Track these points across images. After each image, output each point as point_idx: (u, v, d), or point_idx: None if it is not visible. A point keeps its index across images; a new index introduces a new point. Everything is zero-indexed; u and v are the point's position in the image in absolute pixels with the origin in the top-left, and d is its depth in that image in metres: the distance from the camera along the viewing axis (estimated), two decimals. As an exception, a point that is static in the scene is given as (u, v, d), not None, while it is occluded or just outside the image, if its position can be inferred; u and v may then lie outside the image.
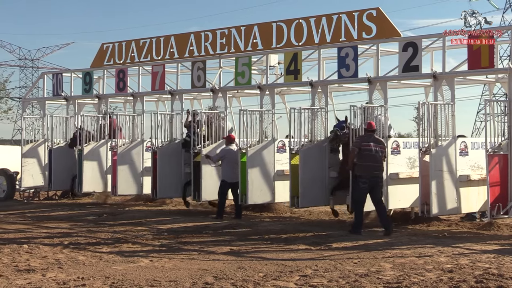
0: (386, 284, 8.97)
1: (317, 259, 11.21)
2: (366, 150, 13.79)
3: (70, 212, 19.19)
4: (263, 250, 12.28)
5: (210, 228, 15.04)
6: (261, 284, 9.08)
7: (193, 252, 12.12)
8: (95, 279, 9.57)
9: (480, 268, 10.18)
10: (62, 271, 10.25)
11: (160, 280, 9.49)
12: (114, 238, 13.86)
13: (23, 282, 9.41)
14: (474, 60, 15.50)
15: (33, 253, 12.02)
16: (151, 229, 15.40)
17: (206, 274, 9.91)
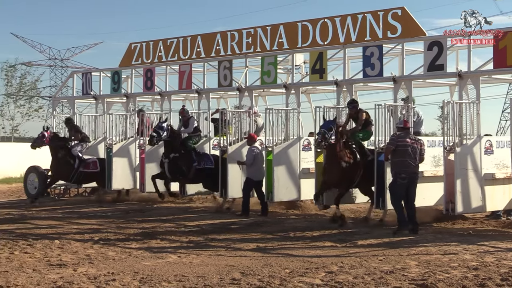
0: (412, 281, 8.94)
1: (342, 256, 11.20)
2: (403, 146, 13.69)
3: (100, 208, 19.30)
4: (289, 247, 12.30)
5: (236, 225, 15.08)
6: (287, 280, 9.10)
7: (220, 248, 12.17)
8: (125, 274, 9.64)
9: (506, 266, 10.13)
10: (93, 266, 10.35)
11: (188, 275, 9.54)
12: (143, 234, 13.94)
13: (55, 277, 9.49)
14: (499, 59, 15.39)
15: (65, 248, 12.15)
16: (179, 225, 15.46)
17: (233, 270, 9.95)
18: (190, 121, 18.58)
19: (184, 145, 18.17)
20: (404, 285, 8.77)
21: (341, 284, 8.82)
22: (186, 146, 18.13)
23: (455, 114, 15.39)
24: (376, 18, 18.78)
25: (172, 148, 18.06)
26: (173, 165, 17.71)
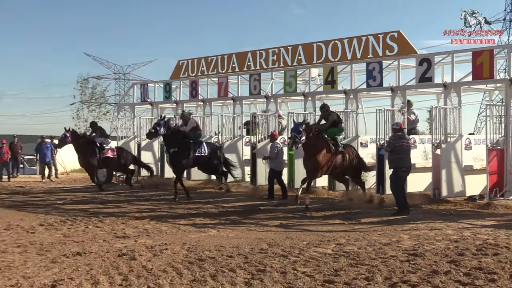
0: (405, 251, 8.99)
1: (349, 231, 11.24)
2: (400, 146, 13.57)
3: (154, 193, 19.35)
4: (306, 224, 12.32)
5: (264, 207, 15.09)
6: (305, 250, 9.16)
7: (251, 225, 12.20)
8: (175, 244, 9.74)
9: (480, 239, 10.16)
10: (150, 238, 10.50)
11: (225, 246, 9.62)
12: (189, 213, 14.00)
13: (120, 246, 9.70)
14: (477, 72, 15.42)
15: (127, 224, 12.33)
16: (218, 206, 15.50)
17: (261, 242, 10.01)
18: (189, 122, 17.96)
19: (183, 140, 17.48)
20: (399, 254, 8.79)
21: (348, 254, 8.85)
22: (185, 140, 17.48)
23: (441, 117, 15.46)
24: (377, 40, 18.76)
25: (172, 143, 17.41)
26: (173, 158, 17.30)
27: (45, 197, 18.00)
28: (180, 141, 17.08)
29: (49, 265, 8.21)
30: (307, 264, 8.19)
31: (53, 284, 7.19)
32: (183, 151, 17.07)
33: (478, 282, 7.07)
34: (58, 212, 14.13)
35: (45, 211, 14.23)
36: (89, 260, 8.52)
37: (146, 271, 7.82)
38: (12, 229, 11.58)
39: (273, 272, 7.67)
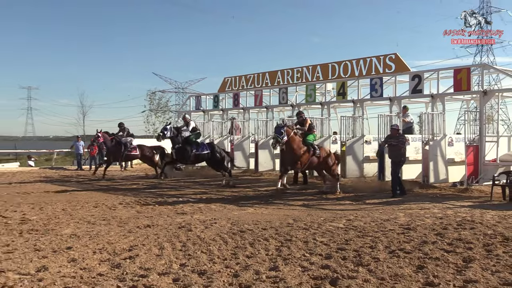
0: (400, 226, 8.92)
1: (356, 210, 11.17)
2: (396, 143, 13.54)
3: (205, 179, 19.41)
4: (323, 204, 12.27)
5: (289, 190, 15.06)
6: (322, 224, 9.14)
7: (280, 204, 12.18)
8: (222, 219, 9.78)
9: (460, 216, 10.02)
10: (202, 214, 10.54)
11: (260, 221, 9.64)
12: (232, 195, 14.02)
13: (180, 220, 9.75)
14: (457, 85, 15.27)
15: (185, 203, 12.34)
16: (254, 190, 15.49)
17: (288, 218, 10.00)
18: (190, 124, 17.20)
19: (186, 139, 16.70)
20: (396, 228, 8.73)
21: (356, 227, 8.82)
22: (187, 139, 16.69)
23: (429, 120, 15.30)
24: (378, 60, 18.67)
25: (176, 142, 16.64)
26: (177, 153, 16.68)
27: (123, 182, 18.20)
28: (182, 141, 16.59)
29: (127, 234, 8.33)
30: (324, 235, 8.18)
31: (130, 248, 7.29)
32: (184, 148, 16.53)
33: (459, 250, 7.02)
34: (133, 194, 14.29)
35: (123, 193, 14.41)
36: (156, 231, 8.62)
37: (200, 239, 7.88)
38: (99, 207, 11.76)
39: (298, 241, 7.68)
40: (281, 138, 12.94)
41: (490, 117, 18.12)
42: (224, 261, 6.55)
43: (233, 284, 5.54)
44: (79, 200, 12.85)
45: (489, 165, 14.43)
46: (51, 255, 6.92)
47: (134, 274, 5.93)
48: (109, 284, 5.55)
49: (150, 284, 5.55)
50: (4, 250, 7.22)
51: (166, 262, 6.51)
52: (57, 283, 5.61)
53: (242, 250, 7.15)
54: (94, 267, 6.27)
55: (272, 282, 5.62)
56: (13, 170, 24.02)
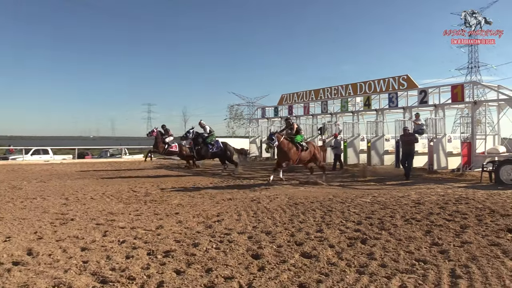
0: (412, 201, 8.59)
1: (379, 189, 10.86)
2: (409, 139, 13.21)
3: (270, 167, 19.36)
4: (354, 185, 12.01)
5: (330, 175, 14.82)
6: (354, 200, 8.93)
7: (322, 185, 12.03)
8: (281, 195, 9.74)
9: (458, 194, 9.54)
10: (268, 191, 10.45)
11: (309, 196, 9.53)
12: (287, 178, 13.93)
13: (252, 195, 9.73)
14: (454, 97, 14.72)
15: (256, 184, 12.33)
16: (304, 174, 15.29)
17: (329, 194, 9.85)
18: (205, 128, 16.17)
19: (204, 140, 15.85)
20: (409, 202, 8.44)
21: (379, 202, 8.58)
22: (205, 141, 15.84)
23: (433, 124, 14.76)
24: (394, 80, 18.15)
25: (197, 143, 15.95)
26: (198, 153, 16.03)
27: (212, 169, 18.52)
28: (202, 142, 15.93)
29: (215, 204, 8.47)
30: (356, 207, 8.01)
31: (218, 214, 7.40)
32: (203, 148, 15.89)
33: (457, 219, 6.71)
34: (219, 177, 14.50)
35: (212, 177, 14.64)
36: (235, 202, 8.71)
37: (266, 209, 7.90)
38: (196, 185, 12.02)
39: (336, 211, 7.56)
40: (272, 143, 11.73)
41: (479, 121, 17.30)
42: (283, 224, 6.55)
43: (290, 242, 5.53)
44: (183, 181, 13.19)
45: (479, 156, 13.79)
46: (165, 217, 7.15)
47: (221, 233, 6.03)
48: (204, 239, 5.67)
49: (232, 240, 5.63)
50: (135, 213, 7.52)
51: (243, 224, 6.58)
52: (170, 237, 5.79)
53: (296, 217, 7.12)
54: (194, 227, 6.42)
55: (318, 240, 5.57)
56: (138, 160, 24.92)
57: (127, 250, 5.12)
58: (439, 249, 5.08)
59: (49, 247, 5.27)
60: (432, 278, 4.13)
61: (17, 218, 7.10)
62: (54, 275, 4.24)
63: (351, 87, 20.89)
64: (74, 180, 13.66)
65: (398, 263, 4.59)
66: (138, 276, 4.24)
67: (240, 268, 4.47)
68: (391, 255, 4.86)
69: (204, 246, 5.29)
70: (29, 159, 24.21)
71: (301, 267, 4.51)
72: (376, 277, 4.17)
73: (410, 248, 5.12)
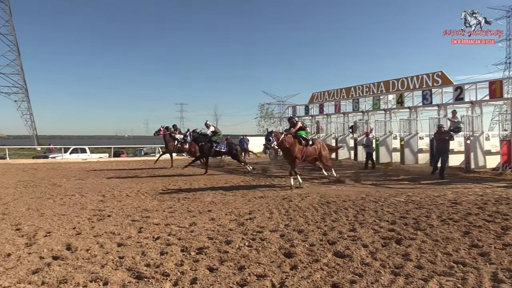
0: (449, 201, 8.29)
1: (413, 188, 10.53)
2: (437, 138, 12.77)
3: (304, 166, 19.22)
4: (387, 183, 11.72)
5: (363, 173, 14.54)
6: (388, 199, 8.72)
7: (355, 183, 11.83)
8: (313, 193, 9.63)
9: (497, 194, 9.15)
10: (299, 189, 10.35)
11: (341, 195, 9.38)
12: (320, 177, 13.77)
13: (283, 193, 9.67)
14: (492, 94, 14.18)
15: (286, 181, 12.08)
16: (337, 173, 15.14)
17: (361, 193, 9.65)
18: (210, 128, 15.52)
19: (208, 139, 15.14)
20: (445, 202, 8.14)
21: (414, 201, 8.34)
22: (209, 139, 15.13)
23: (469, 121, 14.22)
24: (428, 76, 17.69)
25: (198, 141, 15.41)
26: (201, 151, 15.42)
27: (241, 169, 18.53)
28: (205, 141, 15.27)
29: (247, 202, 8.46)
30: (389, 206, 7.81)
31: (250, 212, 7.39)
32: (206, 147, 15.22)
33: (497, 220, 6.41)
34: (251, 175, 14.49)
35: (244, 175, 14.67)
36: (267, 201, 8.68)
37: (298, 207, 7.83)
38: (228, 183, 12.04)
39: (369, 211, 7.40)
40: (270, 144, 10.75)
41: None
42: (316, 223, 6.46)
43: (323, 240, 5.44)
44: (215, 179, 13.28)
45: (520, 155, 13.23)
46: (198, 215, 7.20)
47: (253, 230, 6.01)
48: (236, 236, 5.66)
49: (265, 237, 5.60)
50: (169, 210, 7.62)
51: (275, 222, 6.53)
52: (203, 234, 5.82)
53: (328, 216, 7.01)
54: (226, 224, 6.43)
55: (351, 239, 5.45)
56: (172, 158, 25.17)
57: (161, 247, 5.17)
58: (479, 251, 4.86)
59: (87, 242, 5.40)
60: (472, 282, 3.95)
61: (56, 214, 7.33)
62: (91, 270, 4.33)
63: (383, 84, 20.48)
64: (110, 178, 14.00)
65: (435, 265, 4.42)
66: (172, 273, 4.27)
67: (272, 267, 4.43)
68: (428, 256, 4.69)
69: (236, 243, 5.28)
70: (68, 158, 25.05)
71: (334, 266, 4.42)
72: (413, 279, 4.03)
73: (448, 249, 4.93)
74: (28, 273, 4.26)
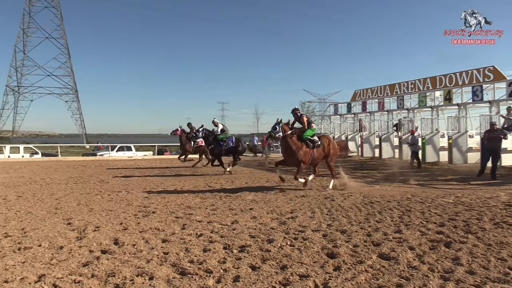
0: (502, 203, 7.85)
1: (463, 189, 10.08)
2: (489, 136, 12.12)
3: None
4: (434, 184, 11.30)
5: (406, 172, 14.11)
6: (434, 200, 8.38)
7: (399, 183, 11.46)
8: (356, 193, 9.43)
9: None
10: (341, 190, 10.12)
11: (385, 195, 9.12)
12: (362, 175, 13.49)
13: (325, 193, 9.50)
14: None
15: (328, 181, 11.65)
16: (379, 172, 14.74)
17: (407, 193, 9.34)
18: (218, 126, 14.99)
19: (215, 138, 14.68)
20: (498, 204, 7.73)
21: (463, 203, 7.96)
22: (216, 138, 14.67)
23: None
24: (478, 72, 16.97)
25: (208, 141, 14.87)
26: (211, 152, 15.00)
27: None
28: (213, 140, 14.82)
29: (288, 201, 8.42)
30: (437, 208, 7.50)
31: (291, 211, 7.34)
32: (216, 147, 14.81)
33: (558, 225, 5.99)
34: (292, 173, 14.35)
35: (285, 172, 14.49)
36: (309, 200, 8.59)
37: (340, 207, 7.69)
38: (269, 182, 12.01)
39: (416, 212, 7.14)
40: (275, 133, 9.69)
41: None
42: (359, 223, 6.32)
43: (367, 241, 5.31)
44: (256, 177, 13.32)
45: None
46: (240, 213, 7.24)
47: (295, 230, 5.96)
48: (278, 235, 5.64)
49: (307, 237, 5.54)
50: (211, 208, 7.71)
51: (317, 222, 6.45)
52: (244, 232, 5.84)
53: (372, 216, 6.84)
54: (268, 223, 6.42)
55: (397, 241, 5.28)
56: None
57: (204, 244, 5.24)
58: (537, 257, 4.57)
59: (133, 237, 5.57)
60: (530, 289, 3.71)
61: (104, 210, 7.61)
62: (137, 265, 4.46)
63: (430, 80, 19.82)
64: (154, 175, 14.39)
65: (488, 270, 4.19)
66: (215, 270, 4.31)
67: (315, 267, 4.37)
68: (480, 261, 4.46)
69: (278, 242, 5.25)
70: (115, 155, 26.02)
71: (379, 269, 4.30)
72: (464, 284, 3.85)
73: (502, 254, 4.66)
74: (79, 266, 4.45)
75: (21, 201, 8.81)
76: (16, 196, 9.46)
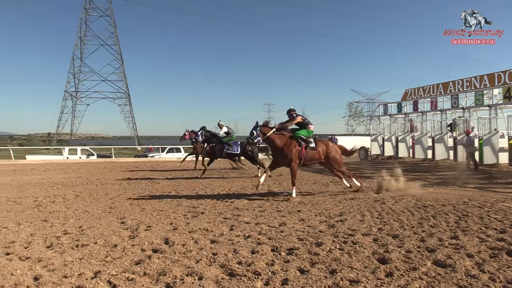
0: None
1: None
2: None
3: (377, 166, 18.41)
4: (493, 187, 10.65)
5: (466, 175, 13.41)
6: (494, 204, 7.90)
7: (455, 186, 10.91)
8: (408, 196, 9.04)
9: None
10: (391, 192, 9.70)
11: (439, 199, 8.72)
12: (414, 178, 12.95)
13: (376, 196, 9.19)
14: None
15: (374, 184, 11.56)
16: (433, 175, 14.13)
17: (463, 197, 8.89)
18: (223, 129, 14.50)
19: (219, 140, 14.31)
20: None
21: (527, 208, 7.44)
22: (220, 140, 14.31)
23: None
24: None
25: (209, 142, 14.48)
26: (211, 152, 14.52)
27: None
28: (216, 141, 14.44)
29: (337, 204, 8.26)
30: (497, 213, 7.06)
31: (340, 214, 7.19)
32: (217, 148, 14.41)
33: None
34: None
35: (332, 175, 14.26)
36: (358, 203, 8.38)
37: (392, 210, 7.44)
38: (317, 184, 11.83)
39: (473, 217, 6.76)
40: (252, 138, 9.09)
41: None
42: (412, 228, 6.07)
43: (420, 247, 5.08)
44: (303, 179, 13.20)
45: None
46: (287, 215, 7.19)
47: (344, 233, 5.83)
48: (327, 238, 5.53)
49: (357, 241, 5.39)
50: (258, 209, 7.72)
51: (367, 226, 6.27)
52: (292, 234, 5.79)
53: (426, 221, 6.54)
54: (316, 226, 6.33)
55: (453, 248, 5.02)
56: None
57: (252, 245, 5.25)
58: None
59: (183, 237, 5.68)
60: None
61: (155, 210, 7.84)
62: (187, 264, 4.54)
63: (487, 77, 18.76)
64: (202, 176, 14.65)
65: (558, 281, 3.88)
66: (263, 272, 4.30)
67: (366, 272, 4.24)
68: (548, 271, 4.13)
69: (327, 246, 5.16)
70: (165, 157, 26.80)
71: (434, 276, 4.09)
72: (530, 296, 3.58)
73: None
74: (132, 264, 4.59)
75: (79, 200, 9.28)
76: (74, 195, 9.97)
